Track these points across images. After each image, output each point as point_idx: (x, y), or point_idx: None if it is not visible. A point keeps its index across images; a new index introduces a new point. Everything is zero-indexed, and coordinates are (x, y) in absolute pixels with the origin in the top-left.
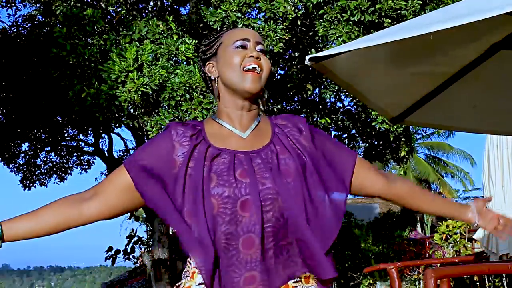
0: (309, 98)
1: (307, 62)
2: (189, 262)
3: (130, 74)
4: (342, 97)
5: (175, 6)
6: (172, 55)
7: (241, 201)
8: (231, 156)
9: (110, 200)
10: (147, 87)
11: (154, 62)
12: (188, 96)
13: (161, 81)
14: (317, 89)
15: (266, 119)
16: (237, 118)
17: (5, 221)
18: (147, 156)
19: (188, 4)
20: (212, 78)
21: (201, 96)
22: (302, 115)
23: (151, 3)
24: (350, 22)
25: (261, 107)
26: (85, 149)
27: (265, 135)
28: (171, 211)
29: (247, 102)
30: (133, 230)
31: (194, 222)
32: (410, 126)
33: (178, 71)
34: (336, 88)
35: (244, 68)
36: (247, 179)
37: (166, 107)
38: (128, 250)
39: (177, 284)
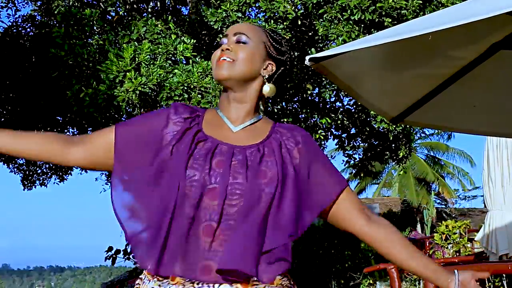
0: (309, 98)
1: (307, 62)
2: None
3: (128, 73)
4: (342, 97)
5: (177, 6)
6: (171, 55)
7: (208, 188)
8: (213, 144)
9: (95, 151)
10: (145, 86)
11: (152, 62)
12: (186, 96)
13: (159, 80)
14: (317, 89)
15: (268, 122)
16: (229, 110)
17: None
18: (140, 125)
19: (188, 4)
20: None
21: (199, 96)
22: (302, 115)
23: (151, 4)
24: (350, 21)
25: (261, 106)
26: None
27: (259, 135)
28: (140, 182)
29: (232, 92)
30: None
31: (160, 203)
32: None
33: (176, 70)
34: (336, 88)
35: (217, 62)
36: (221, 169)
37: (164, 106)
38: (128, 250)
39: None
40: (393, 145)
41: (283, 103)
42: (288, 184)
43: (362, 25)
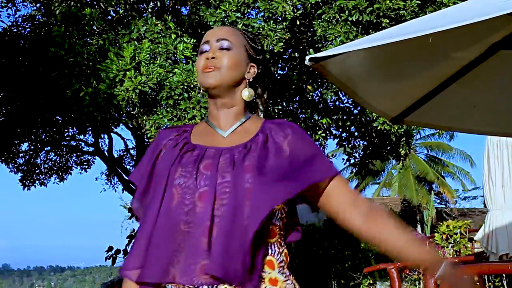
0: (309, 98)
1: (307, 62)
2: None
3: (127, 73)
4: (342, 96)
5: (177, 7)
6: (170, 54)
7: (199, 192)
8: (202, 151)
9: None
10: (145, 85)
11: (152, 61)
12: (186, 95)
13: (159, 80)
14: (318, 89)
15: (258, 120)
16: (218, 117)
17: None
18: (143, 170)
19: (187, 4)
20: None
21: (199, 95)
22: (302, 115)
23: (151, 4)
24: (348, 22)
25: (260, 106)
26: (85, 149)
27: (249, 134)
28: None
29: (220, 99)
30: (133, 230)
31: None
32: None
33: (176, 70)
34: (336, 88)
35: (203, 71)
36: (209, 171)
37: (164, 106)
38: (129, 250)
39: None
40: (394, 144)
41: (283, 103)
42: (267, 175)
43: (360, 26)
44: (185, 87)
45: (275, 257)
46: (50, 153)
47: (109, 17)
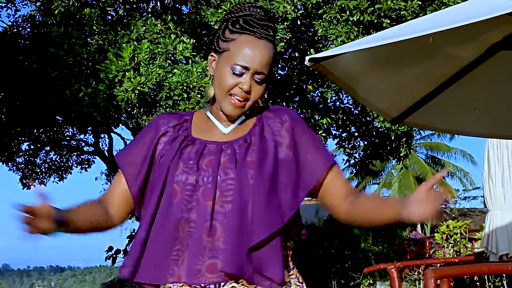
0: (309, 98)
1: (307, 62)
2: None
3: (127, 73)
4: (342, 96)
5: (177, 5)
6: (170, 55)
7: (202, 189)
8: (201, 146)
9: (123, 204)
10: (144, 86)
11: (151, 62)
12: (185, 95)
13: (158, 80)
14: (318, 89)
15: (255, 111)
16: (221, 116)
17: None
18: (138, 154)
19: (188, 4)
20: (210, 73)
21: (198, 96)
22: (302, 116)
23: (152, 3)
24: (349, 22)
25: (260, 103)
26: (85, 148)
27: (247, 127)
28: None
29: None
30: (133, 230)
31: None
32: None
33: (175, 70)
34: (337, 88)
35: (230, 93)
36: (210, 168)
37: (163, 106)
38: (128, 250)
39: None
40: (394, 144)
41: (283, 103)
42: (280, 166)
43: (361, 26)
44: (184, 88)
45: None
46: (50, 153)
47: (109, 17)
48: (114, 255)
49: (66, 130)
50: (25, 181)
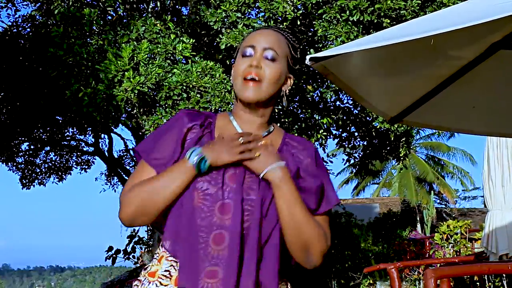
0: (309, 98)
1: (307, 62)
2: (161, 246)
3: (126, 73)
4: (342, 96)
5: (177, 6)
6: (169, 54)
7: (221, 202)
8: None
9: None
10: (144, 86)
11: (150, 61)
12: (185, 95)
13: (158, 80)
14: (318, 89)
15: (279, 133)
16: (246, 120)
17: None
18: (165, 148)
19: (188, 4)
20: (231, 79)
21: (198, 96)
22: (302, 115)
23: (152, 4)
24: (349, 22)
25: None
26: (85, 149)
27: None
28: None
29: (254, 107)
30: (134, 230)
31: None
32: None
33: (175, 70)
34: (337, 88)
35: (245, 78)
36: (234, 184)
37: (163, 106)
38: (129, 250)
39: (145, 267)
40: (393, 144)
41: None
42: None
43: (361, 26)
44: (184, 87)
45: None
46: (50, 153)
47: (108, 17)
48: (114, 255)
49: (66, 130)
50: (24, 181)
